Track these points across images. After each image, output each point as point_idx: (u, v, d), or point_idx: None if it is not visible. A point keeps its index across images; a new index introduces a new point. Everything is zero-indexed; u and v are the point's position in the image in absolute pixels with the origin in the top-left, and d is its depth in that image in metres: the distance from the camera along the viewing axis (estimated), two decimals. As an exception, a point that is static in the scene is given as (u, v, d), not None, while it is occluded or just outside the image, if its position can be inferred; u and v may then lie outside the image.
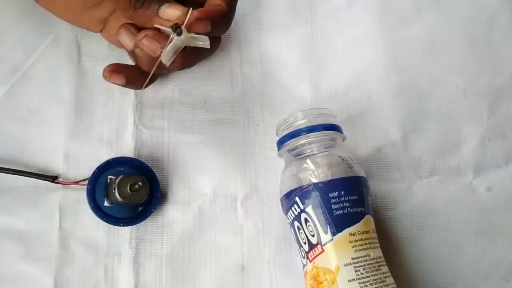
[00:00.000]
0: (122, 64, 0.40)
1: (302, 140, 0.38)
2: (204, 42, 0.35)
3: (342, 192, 0.35)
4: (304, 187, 0.36)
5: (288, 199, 0.37)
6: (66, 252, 0.40)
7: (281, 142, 0.39)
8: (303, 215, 0.36)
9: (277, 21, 0.47)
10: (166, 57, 0.35)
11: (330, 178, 0.36)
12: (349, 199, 0.35)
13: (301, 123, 0.38)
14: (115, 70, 0.38)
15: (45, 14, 0.41)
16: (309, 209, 0.36)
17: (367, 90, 0.45)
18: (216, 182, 0.43)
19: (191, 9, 0.34)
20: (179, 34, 0.34)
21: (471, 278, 0.41)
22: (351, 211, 0.35)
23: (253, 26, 0.47)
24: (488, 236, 0.42)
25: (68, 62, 0.45)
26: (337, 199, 0.35)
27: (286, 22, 0.47)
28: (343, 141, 0.40)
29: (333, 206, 0.35)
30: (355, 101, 0.45)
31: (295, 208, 0.36)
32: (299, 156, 0.38)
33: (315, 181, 0.36)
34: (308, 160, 0.37)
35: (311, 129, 0.38)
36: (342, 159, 0.37)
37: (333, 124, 0.39)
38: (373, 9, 0.47)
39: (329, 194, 0.35)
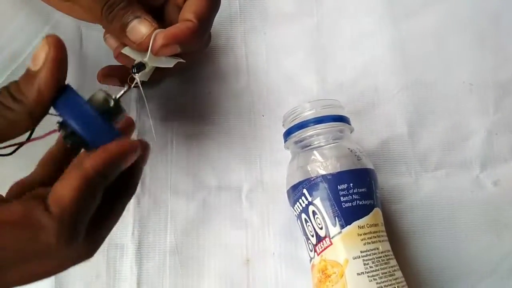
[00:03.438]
0: (114, 66, 0.39)
1: (310, 132, 0.37)
2: (179, 60, 0.36)
3: (351, 184, 0.35)
4: (312, 179, 0.35)
5: (296, 191, 0.36)
6: (67, 243, 0.39)
7: (288, 134, 0.39)
8: (311, 208, 0.35)
9: (283, 11, 0.46)
10: (140, 79, 0.35)
11: (339, 170, 0.35)
12: (358, 192, 0.35)
13: (309, 114, 0.38)
14: (108, 74, 0.38)
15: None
16: (317, 201, 0.35)
17: (374, 82, 0.45)
18: (220, 174, 0.42)
19: (156, 32, 0.33)
20: (143, 69, 0.34)
21: (477, 272, 0.41)
22: (360, 203, 0.35)
23: (259, 16, 0.46)
24: (494, 231, 0.42)
25: (70, 50, 0.42)
26: (346, 191, 0.35)
27: (292, 13, 0.46)
28: (350, 133, 0.39)
29: (342, 199, 0.35)
30: (361, 94, 0.45)
31: (302, 200, 0.36)
32: (307, 148, 0.37)
33: (324, 172, 0.35)
34: (316, 152, 0.37)
35: (319, 120, 0.37)
36: (351, 150, 0.37)
37: (342, 116, 0.38)
38: (380, 1, 0.47)
39: (338, 186, 0.35)
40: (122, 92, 0.31)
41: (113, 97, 0.29)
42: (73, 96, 0.27)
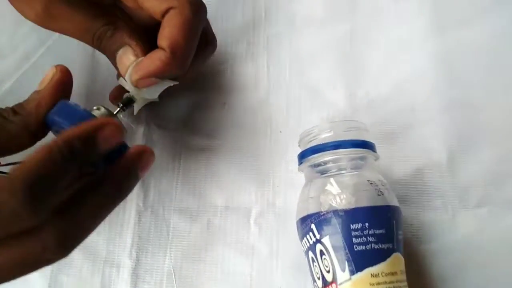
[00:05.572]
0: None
1: (326, 157, 0.33)
2: (169, 85, 0.34)
3: (367, 224, 0.30)
4: (322, 214, 0.31)
5: (304, 224, 0.32)
6: (62, 257, 0.38)
7: (302, 156, 0.34)
8: (318, 246, 0.31)
9: (313, 16, 0.42)
10: (151, 99, 0.35)
11: (353, 206, 0.30)
12: (375, 233, 0.30)
13: (327, 136, 0.33)
14: (116, 96, 0.36)
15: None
16: (325, 240, 0.30)
17: (411, 101, 0.39)
18: (229, 193, 0.39)
19: (132, 64, 0.32)
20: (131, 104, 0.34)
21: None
22: (375, 247, 0.30)
23: (285, 21, 0.42)
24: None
25: (83, 53, 0.42)
26: (359, 231, 0.30)
27: (322, 18, 0.42)
28: (375, 160, 0.34)
29: (354, 240, 0.30)
30: (395, 113, 0.39)
31: (310, 237, 0.31)
32: (321, 175, 0.33)
33: (336, 207, 0.31)
34: (330, 181, 0.32)
35: (337, 145, 0.33)
36: (371, 183, 0.32)
37: (365, 141, 0.33)
38: (426, 6, 0.41)
39: (351, 225, 0.30)
40: (117, 110, 0.33)
41: (105, 107, 0.31)
42: (65, 103, 0.29)
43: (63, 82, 0.30)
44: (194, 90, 0.40)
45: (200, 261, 0.37)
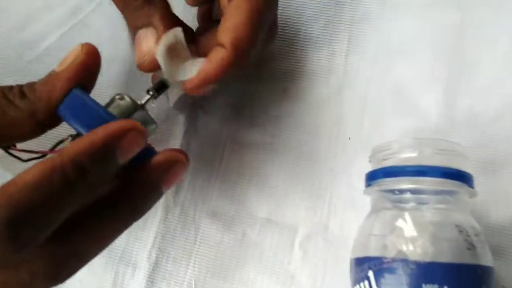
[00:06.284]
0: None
1: (403, 184, 0.25)
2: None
3: (446, 287, 0.22)
4: (385, 261, 0.23)
5: (359, 268, 0.24)
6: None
7: (372, 177, 0.26)
8: (373, 302, 0.23)
9: (414, -2, 0.33)
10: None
11: (430, 260, 0.22)
12: (455, 301, 0.22)
13: (408, 156, 0.25)
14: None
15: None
16: (384, 297, 0.23)
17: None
18: (273, 203, 0.32)
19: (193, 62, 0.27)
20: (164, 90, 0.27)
21: None
22: (453, 321, 0.22)
23: (377, 2, 0.33)
24: None
25: None
26: (434, 296, 0.22)
27: (427, 1, 0.33)
28: (469, 198, 0.25)
29: (424, 306, 0.22)
30: (507, 136, 0.30)
31: (364, 286, 0.24)
32: (393, 206, 0.25)
33: (406, 256, 0.23)
34: (404, 217, 0.24)
35: (421, 171, 0.24)
36: (460, 230, 0.23)
37: (460, 170, 0.25)
38: None
39: (423, 285, 0.22)
40: (146, 98, 0.26)
41: (130, 97, 0.25)
42: (77, 95, 0.24)
43: (87, 67, 0.25)
44: (251, 72, 0.34)
45: (227, 279, 0.31)
